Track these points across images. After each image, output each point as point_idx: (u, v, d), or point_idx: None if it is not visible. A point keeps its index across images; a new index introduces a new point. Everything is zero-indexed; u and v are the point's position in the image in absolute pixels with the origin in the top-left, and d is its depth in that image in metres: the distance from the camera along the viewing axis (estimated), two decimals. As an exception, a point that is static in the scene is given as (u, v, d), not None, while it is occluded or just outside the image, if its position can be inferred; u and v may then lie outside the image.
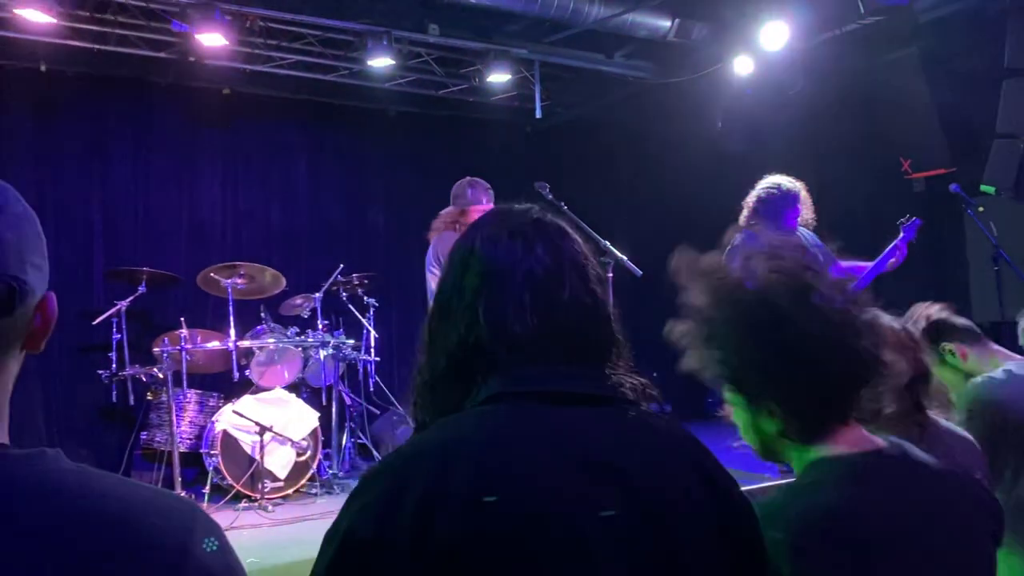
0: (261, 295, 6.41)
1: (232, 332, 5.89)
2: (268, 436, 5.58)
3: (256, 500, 5.49)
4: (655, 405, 1.17)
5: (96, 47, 6.31)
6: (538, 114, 7.58)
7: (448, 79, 7.63)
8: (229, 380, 5.99)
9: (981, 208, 4.69)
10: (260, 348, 6.06)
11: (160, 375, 5.84)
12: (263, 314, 6.33)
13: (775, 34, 6.21)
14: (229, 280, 6.02)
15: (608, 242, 4.37)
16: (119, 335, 6.10)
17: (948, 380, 2.59)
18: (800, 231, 4.69)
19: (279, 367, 6.15)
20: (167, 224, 7.26)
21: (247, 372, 6.03)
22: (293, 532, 4.99)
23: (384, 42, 6.43)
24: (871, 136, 6.13)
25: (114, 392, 6.09)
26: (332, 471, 6.24)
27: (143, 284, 6.16)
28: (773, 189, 4.63)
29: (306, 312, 6.58)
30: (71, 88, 6.83)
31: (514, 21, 6.78)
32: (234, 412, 5.66)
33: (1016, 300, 4.23)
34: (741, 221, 4.68)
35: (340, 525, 1.00)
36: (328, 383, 6.40)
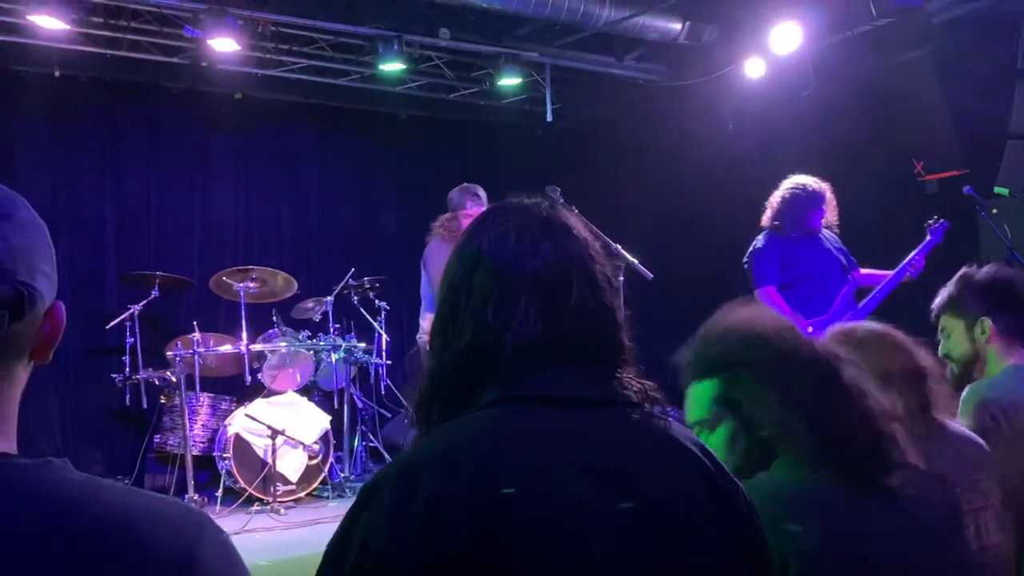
0: (273, 299, 6.44)
1: (244, 336, 5.91)
2: (280, 439, 5.60)
3: (268, 503, 5.51)
4: (659, 408, 1.16)
5: (109, 53, 6.35)
6: (549, 117, 7.58)
7: (459, 83, 7.64)
8: (241, 383, 6.01)
9: (995, 210, 4.65)
10: (272, 352, 6.09)
11: (173, 379, 5.87)
12: (275, 318, 6.35)
13: (786, 36, 6.18)
14: (241, 284, 6.04)
15: (619, 245, 4.36)
16: (132, 339, 6.13)
17: (956, 349, 2.42)
18: (823, 233, 4.63)
19: (291, 370, 6.16)
20: (179, 228, 7.30)
21: (259, 375, 6.05)
22: (305, 535, 5.02)
23: (395, 46, 6.44)
24: (883, 138, 6.10)
25: (127, 395, 6.12)
26: (344, 474, 6.25)
27: (156, 288, 6.19)
28: (798, 189, 4.55)
29: (318, 315, 6.60)
30: (84, 93, 6.87)
31: (525, 24, 6.78)
32: (246, 415, 5.68)
33: (1031, 303, 4.19)
34: (764, 221, 4.63)
35: (351, 538, 0.99)
36: (340, 386, 6.42)
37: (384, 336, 6.80)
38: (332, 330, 6.37)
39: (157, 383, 6.08)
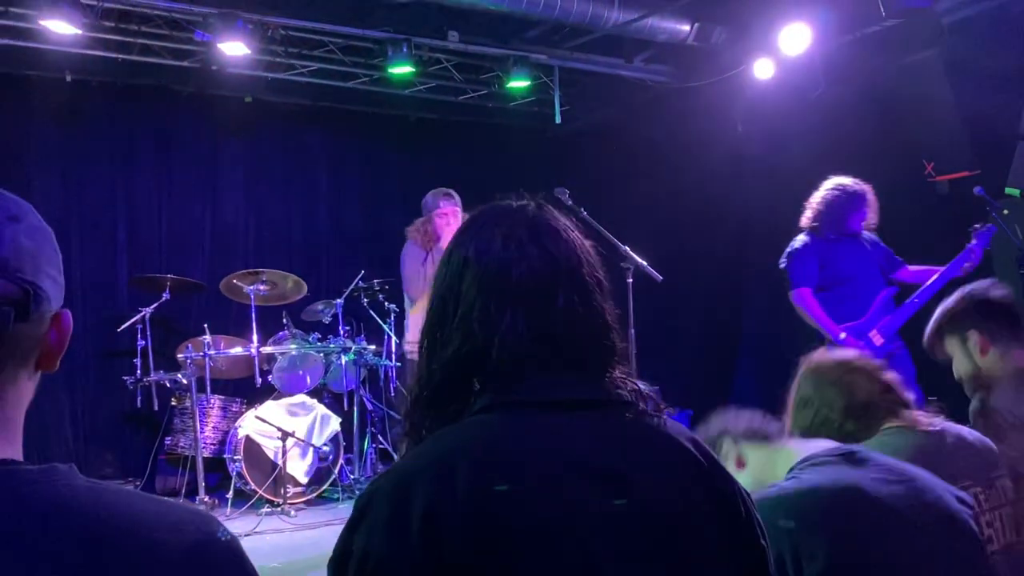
0: (283, 301, 6.46)
1: (255, 338, 5.93)
2: (290, 441, 5.61)
3: (279, 505, 5.52)
4: (652, 406, 1.16)
5: (120, 57, 6.39)
6: (557, 119, 7.58)
7: (468, 85, 7.65)
8: (252, 386, 6.03)
9: (1006, 211, 4.63)
10: (282, 354, 6.11)
11: (184, 381, 5.89)
12: (285, 320, 6.37)
13: (796, 37, 6.17)
14: (252, 286, 6.06)
15: (628, 247, 4.36)
16: (144, 342, 6.16)
17: (961, 367, 2.54)
18: (864, 236, 4.56)
19: (301, 373, 6.18)
20: (190, 231, 7.33)
21: (270, 378, 6.07)
22: (315, 537, 5.03)
23: (404, 49, 6.45)
24: (894, 139, 6.07)
25: (139, 398, 6.15)
26: (354, 476, 6.26)
27: (167, 291, 6.22)
28: (838, 190, 4.47)
29: (327, 318, 6.61)
30: (96, 97, 6.92)
31: (533, 27, 6.79)
32: (257, 417, 5.70)
33: (1042, 304, 4.17)
34: (803, 222, 4.56)
35: (352, 549, 0.99)
36: (350, 388, 6.43)
37: (394, 338, 6.80)
38: (342, 332, 6.38)
39: (168, 385, 6.10)
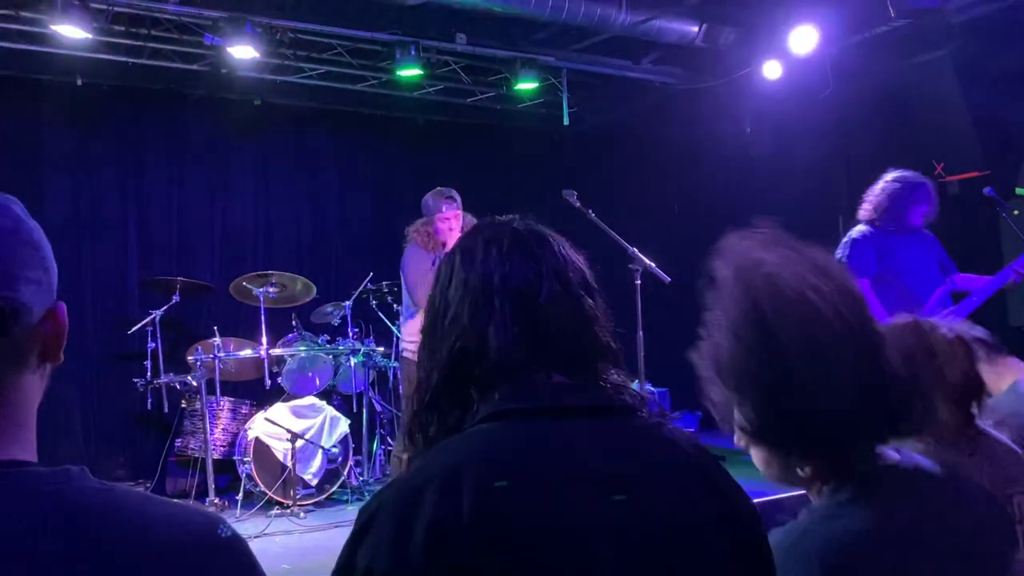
0: (292, 303, 6.48)
1: (264, 340, 5.95)
2: (300, 443, 5.62)
3: (288, 507, 5.54)
4: (656, 410, 1.16)
5: (130, 61, 6.42)
6: (566, 121, 7.58)
7: (476, 87, 7.66)
8: (261, 388, 6.05)
9: (1016, 211, 4.62)
10: (292, 356, 6.12)
11: (194, 383, 5.91)
12: (294, 322, 6.38)
13: (804, 38, 6.16)
14: (261, 289, 6.08)
15: (636, 248, 4.36)
16: (154, 344, 6.19)
17: None
18: (923, 231, 4.45)
19: (310, 374, 6.20)
20: (200, 234, 7.37)
21: (279, 380, 6.08)
22: (324, 538, 5.04)
23: (412, 52, 6.47)
24: (903, 139, 6.06)
25: (149, 400, 6.17)
26: (363, 478, 6.28)
27: (177, 293, 6.25)
28: (897, 183, 4.36)
29: (337, 320, 6.63)
30: (106, 101, 6.95)
31: (541, 29, 6.79)
32: (266, 419, 5.72)
33: (1052, 304, 4.16)
34: (862, 214, 4.45)
35: (355, 563, 0.99)
36: (359, 390, 6.45)
37: (402, 340, 6.82)
38: (351, 334, 6.40)
39: (178, 387, 6.13)
